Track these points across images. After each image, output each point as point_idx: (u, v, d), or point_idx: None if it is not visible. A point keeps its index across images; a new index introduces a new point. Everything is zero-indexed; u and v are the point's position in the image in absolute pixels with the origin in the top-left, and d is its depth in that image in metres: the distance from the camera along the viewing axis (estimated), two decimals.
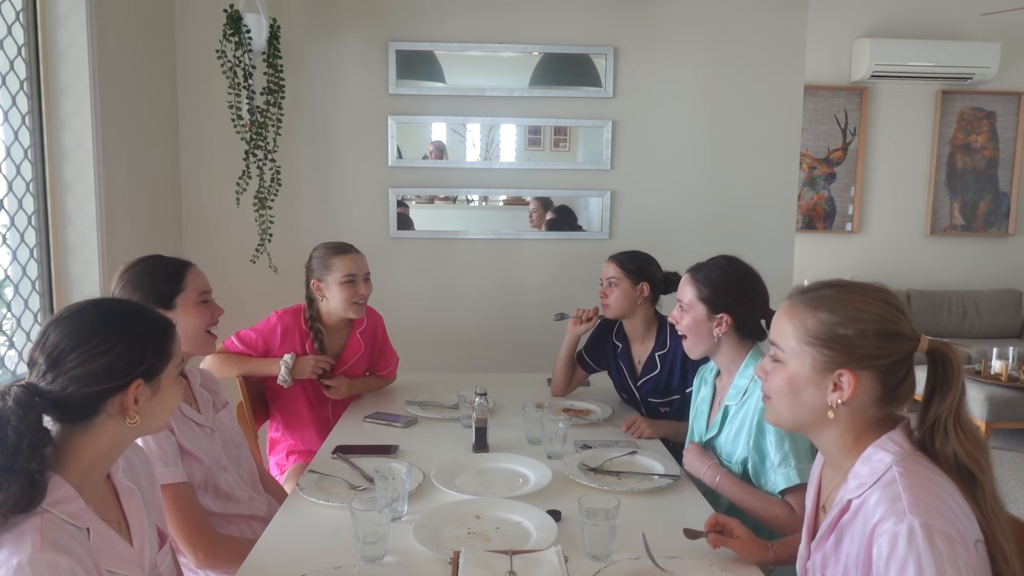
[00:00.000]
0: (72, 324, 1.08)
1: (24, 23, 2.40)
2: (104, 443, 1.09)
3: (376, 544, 1.38)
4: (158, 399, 1.14)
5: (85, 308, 1.12)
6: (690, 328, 1.87)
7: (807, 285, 1.21)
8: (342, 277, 2.33)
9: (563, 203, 3.43)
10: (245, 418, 2.35)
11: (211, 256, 3.15)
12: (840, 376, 1.12)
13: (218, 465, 1.74)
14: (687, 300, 1.88)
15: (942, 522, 0.99)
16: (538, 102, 3.35)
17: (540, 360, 3.19)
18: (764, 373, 1.23)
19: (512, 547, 1.36)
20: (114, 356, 1.07)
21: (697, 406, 1.97)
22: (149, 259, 1.72)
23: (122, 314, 1.13)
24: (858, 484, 1.11)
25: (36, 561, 0.95)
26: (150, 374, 1.11)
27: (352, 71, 3.28)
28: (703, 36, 3.35)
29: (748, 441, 1.72)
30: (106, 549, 1.07)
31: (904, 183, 5.65)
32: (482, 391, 2.04)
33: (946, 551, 0.97)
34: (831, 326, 1.13)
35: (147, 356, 1.10)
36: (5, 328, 2.34)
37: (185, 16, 3.18)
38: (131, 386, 1.08)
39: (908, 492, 1.03)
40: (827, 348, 1.13)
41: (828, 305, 1.15)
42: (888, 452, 1.10)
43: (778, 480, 1.65)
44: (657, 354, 2.37)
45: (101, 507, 1.12)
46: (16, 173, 2.38)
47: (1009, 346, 4.60)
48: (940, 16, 5.41)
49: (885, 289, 1.17)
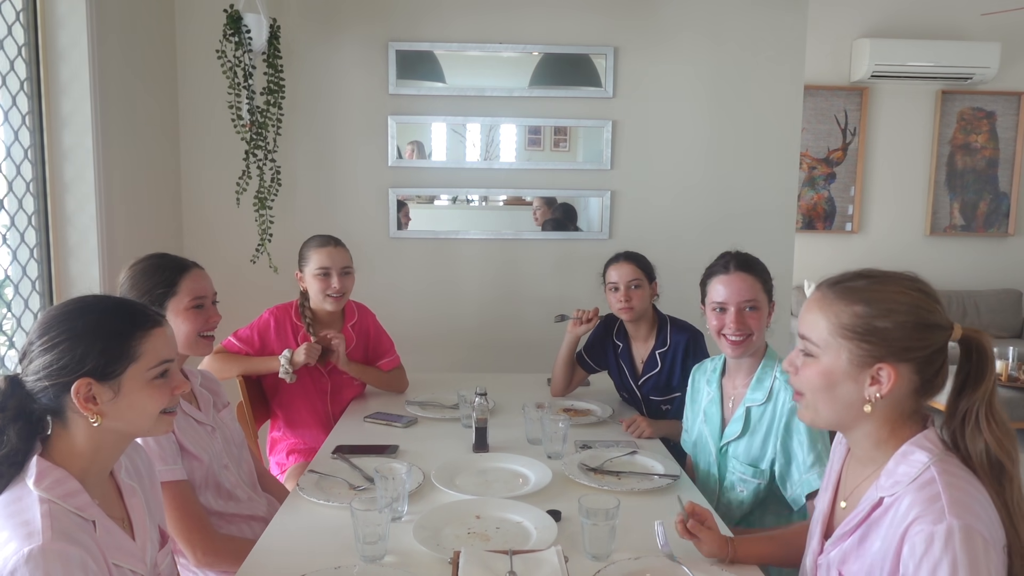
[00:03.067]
0: (43, 318, 1.11)
1: (24, 23, 2.40)
2: (83, 440, 1.09)
3: (376, 544, 1.38)
4: (125, 400, 1.10)
5: (63, 304, 1.14)
6: (761, 326, 1.77)
7: (837, 276, 1.17)
8: (315, 269, 2.39)
9: (565, 202, 3.43)
10: (245, 418, 2.36)
11: (211, 256, 3.13)
12: (879, 370, 1.08)
13: (219, 464, 1.74)
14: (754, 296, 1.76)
15: (980, 525, 0.98)
16: (538, 102, 3.35)
17: (540, 360, 3.18)
18: (794, 368, 1.17)
19: (512, 547, 1.36)
20: (57, 353, 1.07)
21: (704, 408, 1.92)
22: (153, 258, 1.73)
23: (80, 311, 1.12)
24: (893, 482, 1.08)
25: (48, 551, 0.95)
26: (102, 375, 1.08)
27: (352, 71, 3.28)
28: (703, 36, 3.35)
29: (775, 443, 1.69)
30: (111, 543, 1.08)
31: (904, 183, 5.65)
32: (482, 391, 2.04)
33: (982, 553, 0.96)
34: (868, 319, 1.08)
35: (90, 356, 1.07)
36: (5, 328, 2.34)
37: (185, 16, 3.18)
38: (76, 384, 1.06)
39: (948, 492, 1.01)
40: (864, 342, 1.08)
41: (862, 297, 1.10)
42: (925, 451, 1.08)
43: (812, 480, 1.62)
44: (658, 352, 2.37)
45: (105, 504, 1.13)
46: (16, 173, 2.38)
47: (1009, 346, 4.60)
48: (940, 16, 5.41)
49: (918, 278, 1.13)
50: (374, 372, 2.55)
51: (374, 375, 2.55)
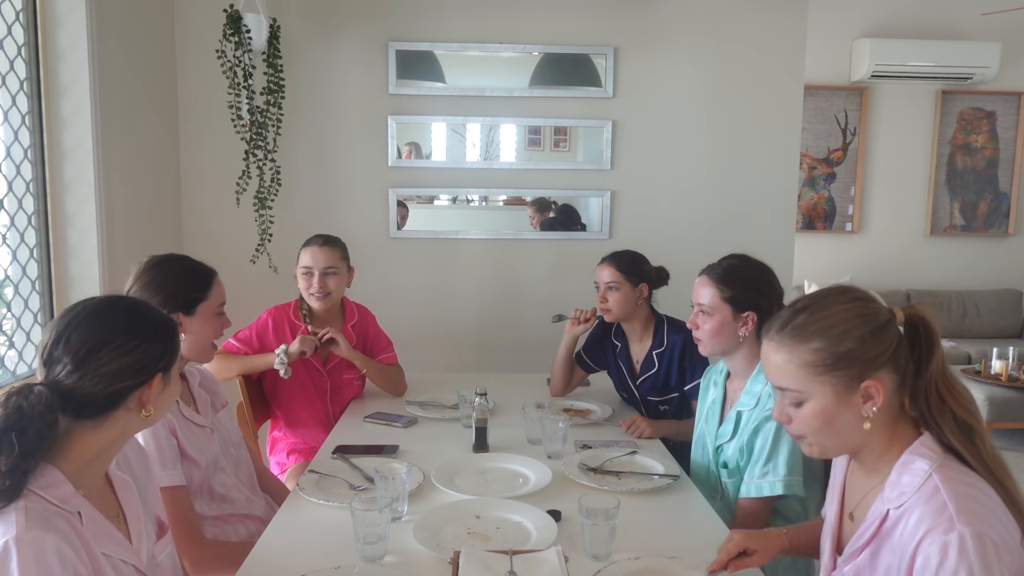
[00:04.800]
0: (97, 323, 1.11)
1: (24, 23, 2.40)
2: (113, 436, 1.11)
3: (376, 544, 1.38)
4: (168, 391, 1.19)
5: (103, 307, 1.14)
6: (715, 331, 1.81)
7: (778, 319, 1.19)
8: (300, 268, 2.43)
9: (566, 202, 3.43)
10: (245, 418, 2.36)
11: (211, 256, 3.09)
12: (867, 388, 1.11)
13: (216, 467, 1.74)
14: (708, 302, 1.81)
15: (991, 529, 0.99)
16: (538, 102, 3.35)
17: (540, 360, 3.18)
18: (787, 418, 1.19)
19: (512, 547, 1.36)
20: (140, 352, 1.11)
21: (707, 408, 1.94)
22: (178, 260, 1.71)
23: (140, 312, 1.17)
24: (898, 494, 1.09)
25: (21, 540, 0.96)
26: (168, 368, 1.16)
27: (352, 71, 3.28)
28: (703, 36, 3.35)
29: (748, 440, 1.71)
30: (99, 533, 1.08)
31: (904, 183, 5.65)
32: (482, 391, 2.04)
33: (995, 558, 0.97)
34: (830, 349, 1.11)
35: (167, 351, 1.16)
36: (5, 328, 2.34)
37: (185, 16, 3.18)
38: (154, 380, 1.13)
39: (954, 500, 1.02)
40: (838, 369, 1.11)
41: (812, 331, 1.13)
42: (925, 459, 1.09)
43: (762, 485, 1.64)
44: (655, 352, 2.37)
45: (100, 501, 1.13)
46: (16, 173, 2.38)
47: (1009, 346, 4.60)
48: (940, 16, 5.41)
49: (845, 287, 1.18)
50: (376, 364, 2.55)
51: (376, 367, 2.54)
